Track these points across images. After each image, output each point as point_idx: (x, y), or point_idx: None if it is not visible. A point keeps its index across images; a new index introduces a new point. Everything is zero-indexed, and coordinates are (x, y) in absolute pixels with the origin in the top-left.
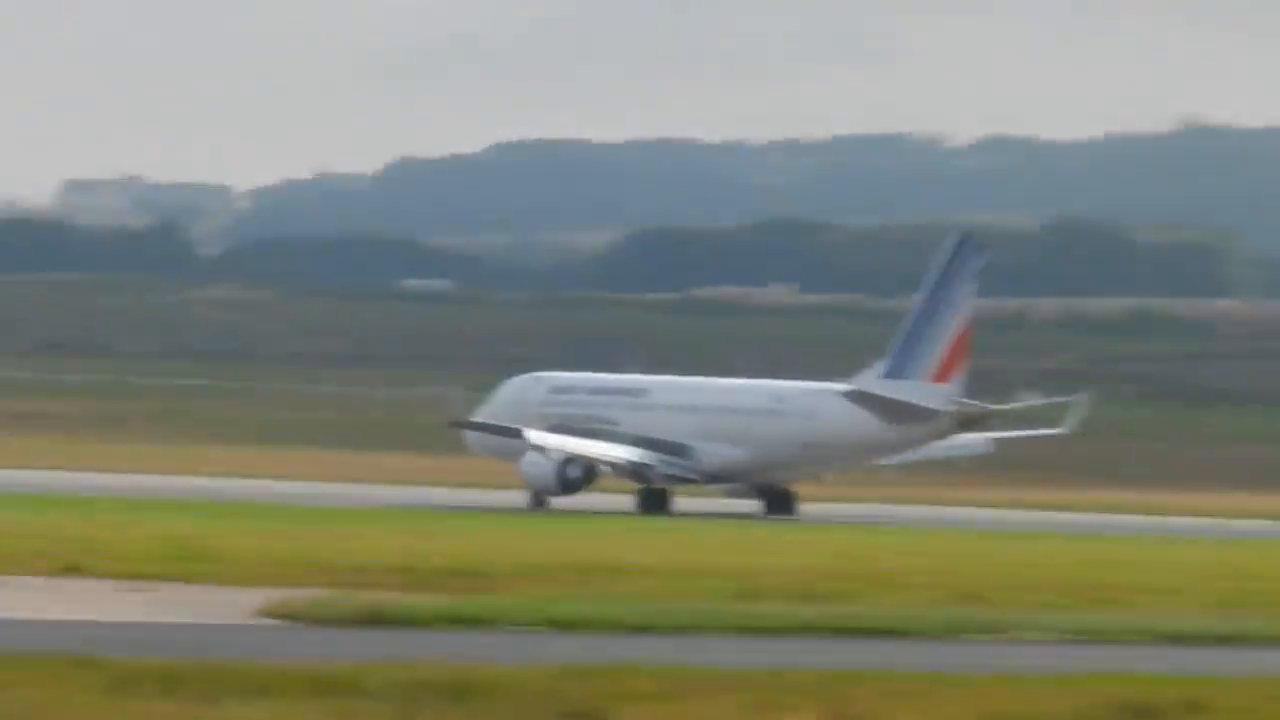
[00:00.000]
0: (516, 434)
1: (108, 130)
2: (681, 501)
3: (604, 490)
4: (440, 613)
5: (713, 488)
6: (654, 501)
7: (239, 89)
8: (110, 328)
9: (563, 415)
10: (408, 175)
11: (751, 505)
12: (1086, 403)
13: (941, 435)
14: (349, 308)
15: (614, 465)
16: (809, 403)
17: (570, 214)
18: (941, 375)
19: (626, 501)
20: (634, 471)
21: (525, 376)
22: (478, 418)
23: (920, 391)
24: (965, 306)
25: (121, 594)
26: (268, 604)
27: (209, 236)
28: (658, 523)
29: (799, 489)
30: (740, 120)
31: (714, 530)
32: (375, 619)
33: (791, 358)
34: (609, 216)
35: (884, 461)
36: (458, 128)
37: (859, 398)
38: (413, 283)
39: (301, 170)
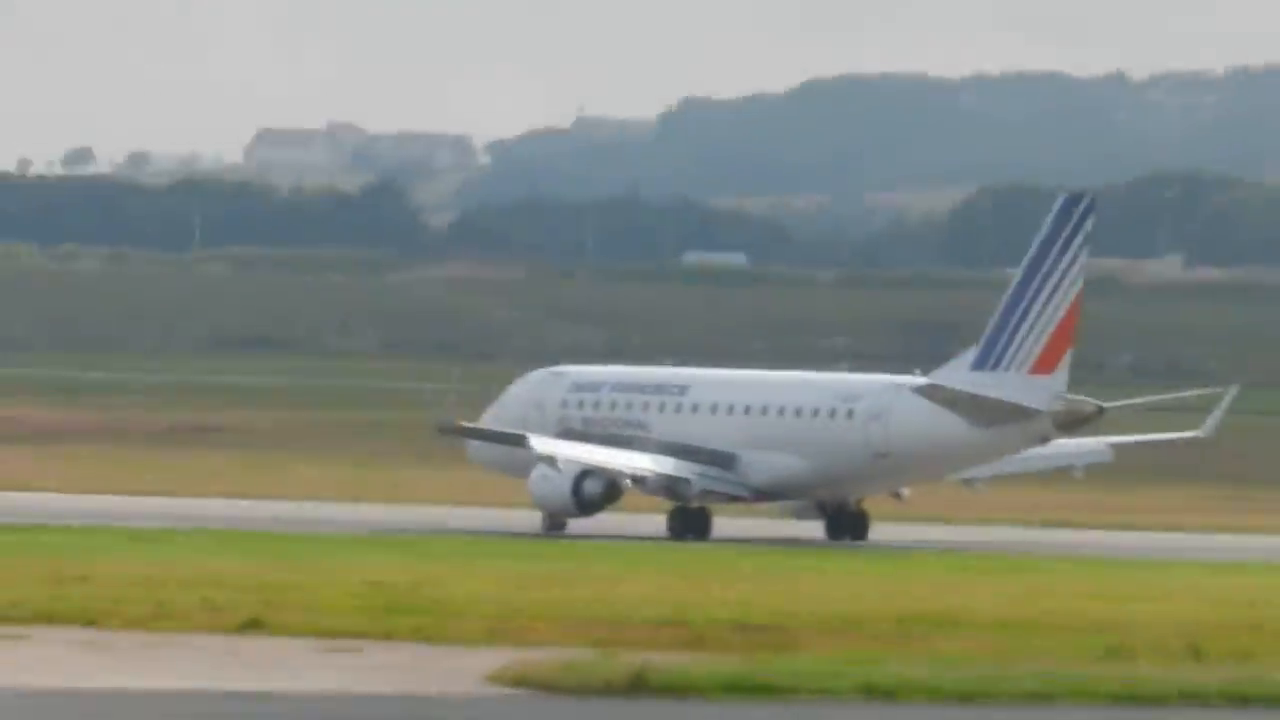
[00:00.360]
0: (520, 441)
1: (311, 68)
2: (725, 523)
3: (628, 510)
4: (723, 678)
5: (766, 506)
6: (690, 524)
7: (475, 14)
8: (315, 316)
9: (585, 418)
10: (692, 122)
11: (813, 528)
12: (1228, 401)
13: (1041, 439)
14: (617, 289)
15: (641, 480)
16: (879, 401)
17: (900, 169)
18: (1043, 365)
19: (658, 524)
20: (666, 487)
21: (542, 371)
22: (483, 420)
23: (1016, 385)
24: (1073, 281)
25: (316, 655)
26: (502, 668)
27: (440, 200)
28: (998, 560)
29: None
30: (1119, 50)
31: (1075, 570)
32: (639, 686)
33: (1174, 347)
34: (949, 172)
35: (972, 473)
36: (755, 62)
37: (938, 394)
38: (699, 257)
39: (557, 116)
